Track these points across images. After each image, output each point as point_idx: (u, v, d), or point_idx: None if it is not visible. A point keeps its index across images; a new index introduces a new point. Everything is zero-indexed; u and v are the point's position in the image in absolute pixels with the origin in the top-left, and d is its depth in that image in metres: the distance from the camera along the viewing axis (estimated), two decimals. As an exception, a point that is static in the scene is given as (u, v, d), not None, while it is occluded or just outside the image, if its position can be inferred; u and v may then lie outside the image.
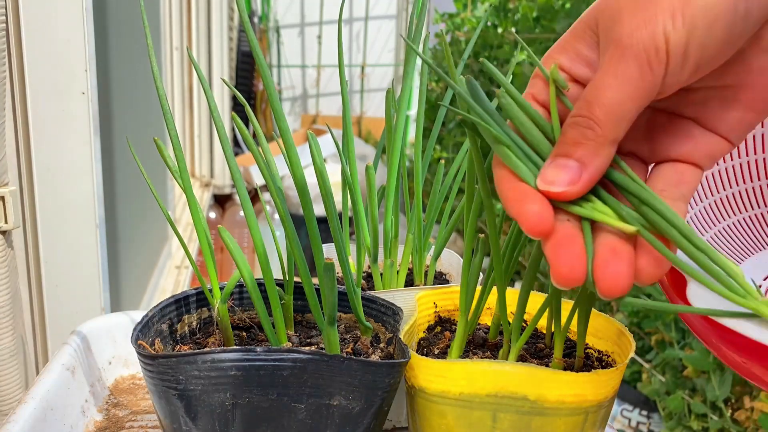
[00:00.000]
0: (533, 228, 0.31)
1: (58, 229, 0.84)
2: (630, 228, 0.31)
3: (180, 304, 0.49)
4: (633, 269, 0.31)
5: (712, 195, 0.50)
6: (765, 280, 0.46)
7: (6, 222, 0.73)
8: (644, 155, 0.36)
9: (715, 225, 0.48)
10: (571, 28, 0.34)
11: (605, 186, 0.34)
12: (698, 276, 0.31)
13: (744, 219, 0.50)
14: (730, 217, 0.50)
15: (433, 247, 0.58)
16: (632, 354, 0.44)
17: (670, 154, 0.35)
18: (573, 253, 0.31)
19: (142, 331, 0.45)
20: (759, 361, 0.33)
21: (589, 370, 0.42)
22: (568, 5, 1.99)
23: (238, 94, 0.44)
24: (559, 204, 0.33)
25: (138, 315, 0.59)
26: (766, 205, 0.50)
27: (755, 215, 0.50)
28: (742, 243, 0.49)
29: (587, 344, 0.49)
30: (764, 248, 0.49)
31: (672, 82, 0.31)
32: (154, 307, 0.47)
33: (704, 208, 0.49)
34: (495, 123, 0.35)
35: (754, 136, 0.50)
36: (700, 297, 0.34)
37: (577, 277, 0.31)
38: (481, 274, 0.47)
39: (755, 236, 0.50)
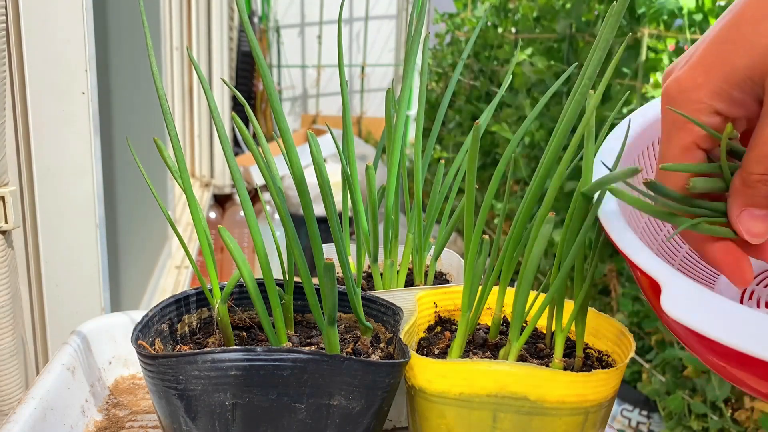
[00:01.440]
0: (749, 282, 0.37)
1: (58, 229, 0.84)
2: None
3: (180, 304, 0.49)
4: None
5: None
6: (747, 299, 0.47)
7: (6, 222, 0.73)
8: None
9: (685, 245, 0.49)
10: (726, 77, 0.35)
11: None
12: None
13: None
14: None
15: (433, 247, 0.58)
16: (632, 354, 0.44)
17: None
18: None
19: (142, 331, 0.45)
20: (738, 366, 0.33)
21: (589, 370, 0.42)
22: (568, 5, 1.99)
23: (238, 94, 0.44)
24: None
25: (138, 315, 0.59)
26: None
27: None
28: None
29: (587, 344, 0.49)
30: None
31: None
32: (154, 307, 0.47)
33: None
34: (679, 203, 0.38)
35: None
36: (675, 301, 0.34)
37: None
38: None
39: None
